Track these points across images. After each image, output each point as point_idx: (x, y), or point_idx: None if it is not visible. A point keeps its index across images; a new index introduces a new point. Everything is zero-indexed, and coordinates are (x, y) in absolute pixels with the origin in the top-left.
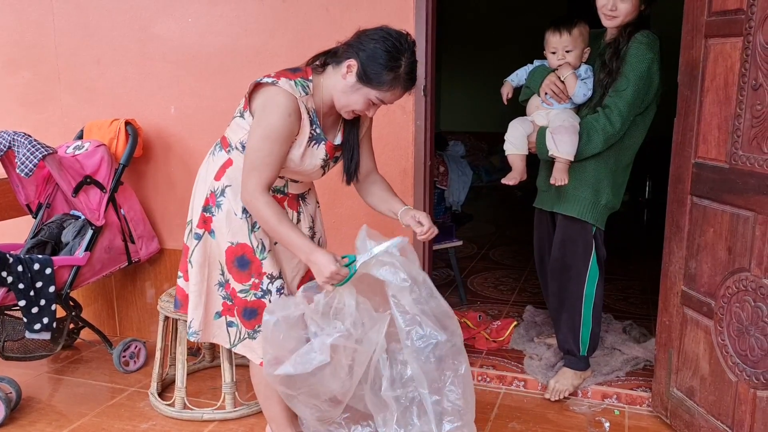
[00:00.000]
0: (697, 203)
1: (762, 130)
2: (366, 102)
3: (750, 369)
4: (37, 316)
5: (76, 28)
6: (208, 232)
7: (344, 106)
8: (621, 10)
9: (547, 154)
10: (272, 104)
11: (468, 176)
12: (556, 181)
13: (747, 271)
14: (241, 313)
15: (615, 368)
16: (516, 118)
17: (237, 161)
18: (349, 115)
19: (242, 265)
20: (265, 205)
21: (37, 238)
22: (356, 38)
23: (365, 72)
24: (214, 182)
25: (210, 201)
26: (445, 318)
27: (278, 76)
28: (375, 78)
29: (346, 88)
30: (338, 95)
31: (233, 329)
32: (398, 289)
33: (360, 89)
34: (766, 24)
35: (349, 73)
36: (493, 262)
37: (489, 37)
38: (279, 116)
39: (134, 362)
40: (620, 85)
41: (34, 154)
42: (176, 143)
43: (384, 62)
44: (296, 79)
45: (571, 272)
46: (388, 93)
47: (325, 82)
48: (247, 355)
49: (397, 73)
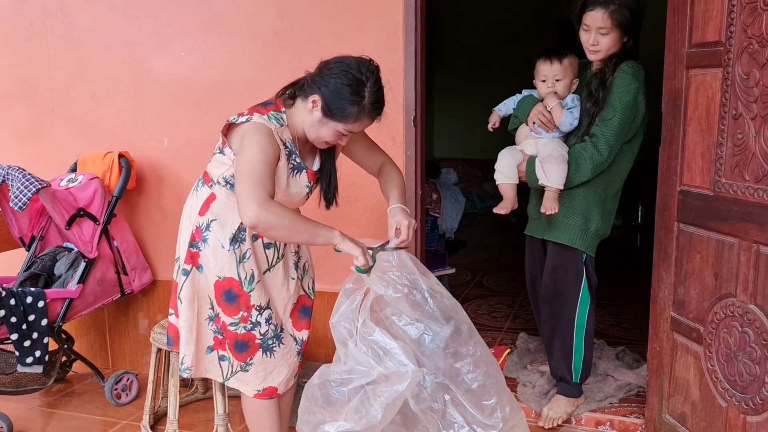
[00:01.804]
0: (684, 230)
1: (743, 158)
2: (335, 134)
3: (740, 394)
4: (29, 349)
5: (71, 62)
6: (195, 267)
7: (315, 139)
8: (602, 44)
9: (537, 183)
10: (249, 138)
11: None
12: (546, 210)
13: (733, 296)
14: (232, 347)
15: (608, 395)
16: (505, 148)
17: (220, 195)
18: (323, 146)
19: (230, 298)
20: (276, 213)
21: (30, 270)
22: (319, 72)
23: (329, 107)
24: (198, 217)
25: (196, 236)
26: (448, 310)
27: (251, 112)
28: (339, 112)
29: (313, 122)
30: (308, 129)
31: (225, 363)
32: (394, 300)
33: (327, 123)
34: (743, 56)
35: (315, 108)
36: (487, 289)
37: (481, 65)
38: (258, 145)
39: (126, 395)
40: (607, 115)
41: (28, 188)
42: (169, 175)
43: (346, 96)
44: (268, 113)
45: (562, 299)
46: (356, 124)
47: (296, 114)
48: (240, 388)
49: (361, 105)
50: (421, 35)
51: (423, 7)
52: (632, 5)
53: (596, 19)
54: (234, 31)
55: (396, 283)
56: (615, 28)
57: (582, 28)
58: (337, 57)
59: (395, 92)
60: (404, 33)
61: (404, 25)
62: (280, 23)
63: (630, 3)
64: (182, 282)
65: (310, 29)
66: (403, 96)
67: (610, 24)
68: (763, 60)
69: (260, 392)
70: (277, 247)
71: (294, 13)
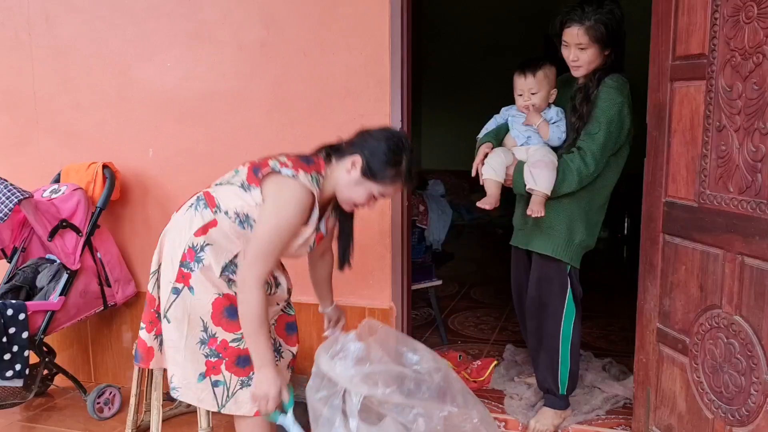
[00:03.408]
0: (669, 241)
1: (727, 170)
2: (368, 195)
3: (725, 406)
4: (9, 362)
5: (55, 72)
6: (187, 287)
7: (347, 200)
8: (582, 60)
9: (524, 188)
10: (289, 198)
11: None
12: (533, 212)
13: (719, 308)
14: (233, 363)
15: (595, 407)
16: (500, 147)
17: (222, 224)
18: (349, 208)
19: (231, 314)
20: (258, 301)
21: (11, 282)
22: (359, 136)
23: (369, 167)
24: (193, 237)
25: (188, 257)
26: (441, 391)
27: (296, 167)
28: (379, 173)
29: (350, 182)
30: (342, 189)
31: (220, 388)
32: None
33: (363, 183)
34: (726, 68)
35: (354, 168)
36: (474, 300)
37: (468, 77)
38: (296, 212)
39: (109, 408)
40: (592, 129)
41: (10, 199)
42: (154, 186)
43: (387, 158)
44: (312, 173)
45: (548, 311)
46: (390, 187)
47: (330, 175)
48: (238, 412)
49: (399, 169)
50: (408, 47)
51: (409, 20)
52: (608, 20)
53: (573, 36)
54: (220, 42)
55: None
56: (593, 43)
57: (562, 44)
58: (379, 126)
59: (382, 104)
60: (390, 45)
61: (390, 38)
62: (266, 35)
63: (605, 18)
64: (171, 300)
65: (297, 41)
66: (390, 108)
67: (587, 40)
68: (746, 72)
69: None
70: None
71: (280, 25)
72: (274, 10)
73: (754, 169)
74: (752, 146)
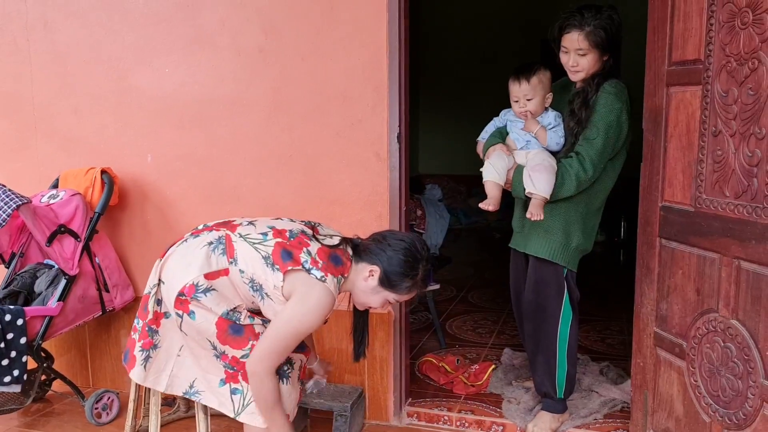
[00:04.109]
0: (666, 245)
1: (723, 174)
2: (383, 302)
3: (723, 410)
4: (7, 368)
5: (54, 77)
6: (186, 314)
7: (363, 303)
8: (582, 65)
9: (524, 192)
10: (318, 304)
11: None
12: (532, 215)
13: (715, 312)
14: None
15: (593, 410)
16: (498, 149)
17: (233, 277)
18: (363, 308)
19: (237, 331)
20: (269, 389)
21: (9, 288)
22: (378, 244)
23: (387, 278)
24: (202, 277)
25: (186, 291)
26: None
27: (326, 270)
28: (396, 284)
29: (367, 289)
30: (359, 293)
31: (238, 396)
32: None
33: (380, 292)
34: (722, 74)
35: (371, 277)
36: (472, 304)
37: (466, 82)
38: (318, 317)
39: (107, 414)
40: (590, 134)
41: (8, 204)
42: (152, 191)
43: (404, 270)
44: (338, 276)
45: (545, 313)
46: (404, 295)
47: (350, 278)
48: (253, 422)
49: (415, 280)
50: (405, 52)
51: (407, 25)
52: (607, 25)
53: (573, 41)
54: (218, 48)
55: None
56: (593, 48)
57: (561, 50)
58: (396, 233)
59: (380, 109)
60: (388, 50)
61: (388, 43)
62: (264, 40)
63: (605, 23)
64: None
65: (295, 46)
66: (388, 112)
67: (587, 45)
68: (742, 78)
69: None
70: None
71: (279, 30)
72: (273, 16)
73: (750, 174)
74: (748, 151)
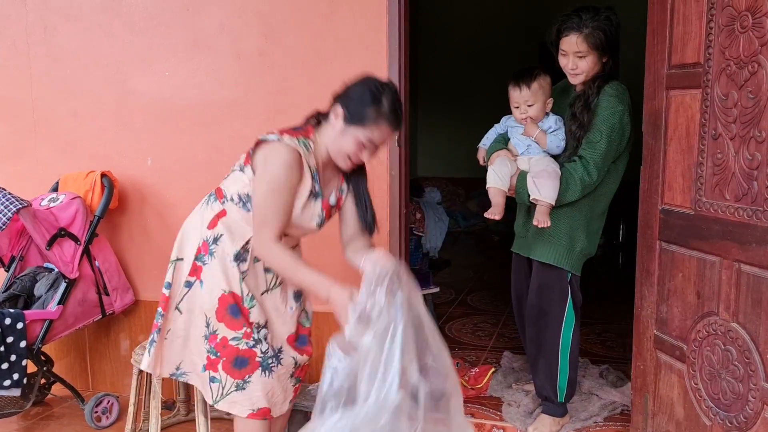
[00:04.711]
0: (666, 248)
1: (723, 177)
2: (356, 143)
3: (723, 413)
4: (7, 372)
5: (53, 81)
6: (198, 280)
7: (338, 152)
8: (581, 68)
9: (528, 198)
10: (274, 157)
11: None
12: (539, 222)
13: (716, 315)
14: (231, 363)
15: (593, 414)
16: (503, 155)
17: (231, 212)
18: (347, 164)
19: (234, 313)
20: (279, 253)
21: (9, 291)
22: (340, 89)
23: (349, 112)
24: (206, 231)
25: (202, 250)
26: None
27: (281, 132)
28: (358, 116)
29: (336, 134)
30: (331, 145)
31: (216, 385)
32: None
33: (348, 131)
34: (722, 77)
35: (337, 119)
36: (471, 307)
37: (464, 85)
38: (281, 168)
39: (107, 417)
40: (594, 138)
41: (8, 208)
42: (152, 195)
43: (365, 99)
44: (298, 137)
45: (547, 318)
46: (375, 131)
47: (321, 139)
48: (231, 410)
49: (380, 109)
50: (405, 56)
51: (406, 29)
52: (606, 27)
53: (572, 44)
54: (218, 52)
55: None
56: (592, 50)
57: (560, 53)
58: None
59: None
60: (388, 54)
61: (388, 46)
62: (264, 44)
63: (603, 25)
64: (184, 293)
65: (295, 50)
66: None
67: (585, 48)
68: (741, 81)
69: (255, 412)
70: (275, 274)
71: (278, 34)
72: (273, 20)
73: (750, 177)
74: (748, 154)
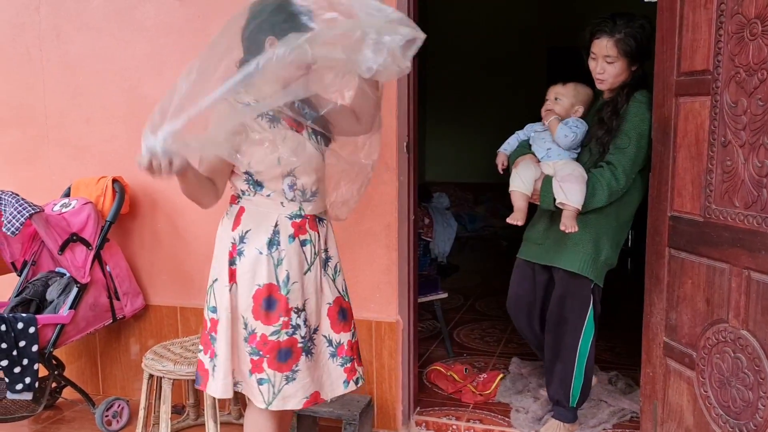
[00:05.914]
0: (675, 255)
1: (733, 184)
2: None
3: (733, 420)
4: (19, 375)
5: (66, 88)
6: (235, 284)
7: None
8: (608, 72)
9: (554, 203)
10: None
11: (453, 228)
12: (566, 227)
13: (725, 322)
14: (274, 359)
15: (602, 420)
16: (527, 159)
17: (248, 207)
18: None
19: (270, 305)
20: None
21: (21, 296)
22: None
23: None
24: (232, 233)
25: (233, 253)
26: None
27: None
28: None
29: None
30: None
31: (265, 386)
32: None
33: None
34: (731, 84)
35: (272, 47)
36: (479, 313)
37: (472, 90)
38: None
39: (117, 422)
40: (622, 143)
41: (21, 213)
42: (163, 200)
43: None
44: None
45: (567, 326)
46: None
47: None
48: (285, 407)
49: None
50: (414, 61)
51: None
52: (638, 34)
53: (602, 47)
54: None
55: None
56: (621, 56)
57: (590, 56)
58: None
59: (389, 119)
60: None
61: None
62: None
63: (636, 32)
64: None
65: None
66: (396, 122)
67: (615, 52)
68: (751, 88)
69: (308, 399)
70: (312, 242)
71: None
72: None
73: (760, 184)
74: (757, 161)
